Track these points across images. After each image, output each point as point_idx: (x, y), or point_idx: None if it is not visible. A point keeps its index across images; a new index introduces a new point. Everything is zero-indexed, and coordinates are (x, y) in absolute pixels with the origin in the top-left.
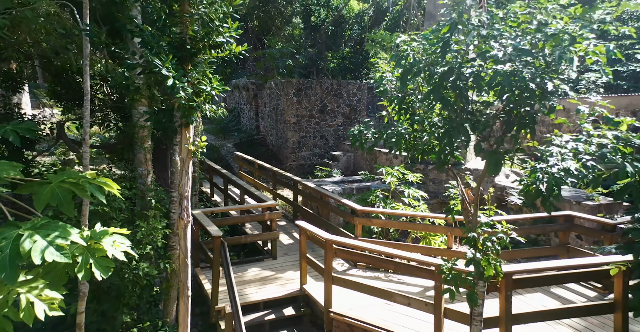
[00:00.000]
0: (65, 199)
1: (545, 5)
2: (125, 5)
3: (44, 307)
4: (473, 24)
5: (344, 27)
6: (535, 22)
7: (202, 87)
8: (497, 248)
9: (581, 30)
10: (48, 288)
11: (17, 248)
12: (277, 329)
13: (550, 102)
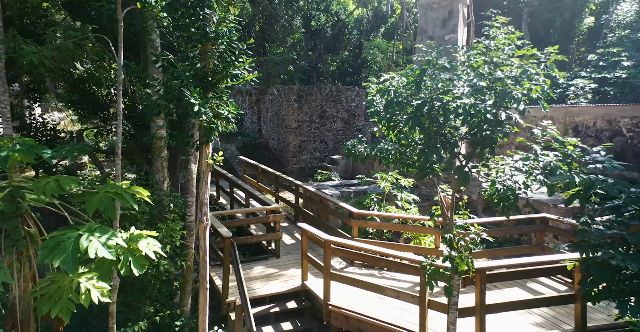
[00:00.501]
0: (109, 206)
1: (502, 47)
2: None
3: (97, 294)
4: (439, 69)
5: (344, 31)
6: (486, 68)
7: (220, 111)
8: (470, 247)
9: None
10: (99, 280)
11: (77, 245)
12: (281, 321)
13: (504, 128)
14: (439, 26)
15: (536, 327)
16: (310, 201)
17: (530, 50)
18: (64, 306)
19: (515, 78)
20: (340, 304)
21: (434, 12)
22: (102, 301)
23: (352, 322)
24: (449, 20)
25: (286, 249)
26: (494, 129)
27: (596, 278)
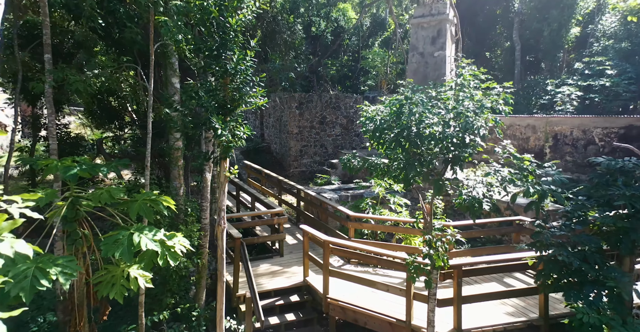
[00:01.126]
0: (147, 211)
1: (469, 82)
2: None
3: (142, 281)
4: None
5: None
6: (452, 103)
7: (237, 132)
8: (446, 246)
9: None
10: (143, 269)
11: (131, 241)
12: (285, 312)
13: (468, 149)
14: (429, 43)
15: (507, 316)
16: (311, 204)
17: (491, 84)
18: (118, 290)
19: (475, 111)
20: (338, 297)
21: (424, 31)
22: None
23: (348, 313)
24: (438, 38)
25: (289, 248)
26: (460, 150)
27: (548, 272)
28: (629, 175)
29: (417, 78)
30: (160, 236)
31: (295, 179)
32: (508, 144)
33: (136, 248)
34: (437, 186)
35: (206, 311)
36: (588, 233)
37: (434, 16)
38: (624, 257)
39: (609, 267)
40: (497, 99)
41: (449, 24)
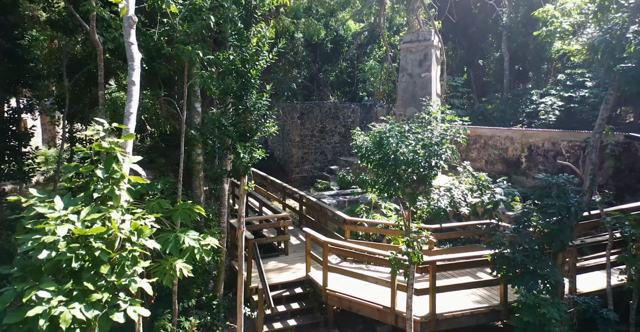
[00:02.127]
0: (185, 217)
1: (435, 117)
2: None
3: (186, 271)
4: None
5: (342, 44)
6: (420, 135)
7: (254, 154)
8: (421, 246)
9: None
10: (185, 262)
11: (177, 240)
12: (291, 302)
13: (433, 171)
14: (417, 66)
15: (475, 303)
16: (312, 208)
17: (453, 117)
18: (168, 278)
19: (437, 143)
20: (335, 289)
21: (412, 54)
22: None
23: (343, 302)
24: (424, 61)
25: (293, 248)
26: (428, 171)
27: (500, 265)
28: (561, 188)
29: (407, 95)
30: (197, 236)
31: (297, 183)
32: (468, 164)
33: (180, 246)
34: (412, 198)
35: (224, 301)
36: (532, 235)
37: (420, 42)
38: (557, 253)
39: (544, 260)
40: (458, 130)
41: (434, 48)
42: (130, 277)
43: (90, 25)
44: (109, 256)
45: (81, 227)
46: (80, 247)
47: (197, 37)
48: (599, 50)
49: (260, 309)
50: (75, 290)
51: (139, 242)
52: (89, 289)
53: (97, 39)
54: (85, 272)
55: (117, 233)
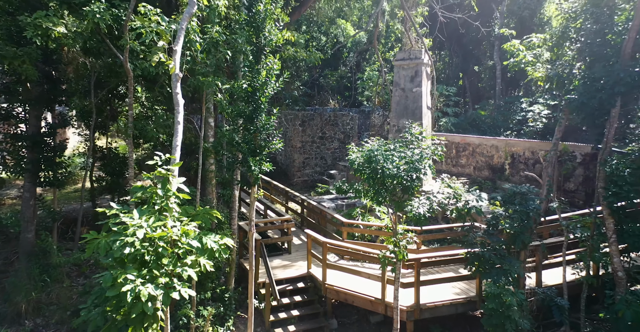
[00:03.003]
0: (206, 221)
1: (416, 138)
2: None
3: (208, 266)
4: (378, 154)
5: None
6: (403, 154)
7: (264, 168)
8: (406, 245)
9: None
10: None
11: (201, 240)
12: (294, 295)
13: (415, 183)
14: (409, 81)
15: (454, 295)
16: (312, 211)
17: (433, 137)
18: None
19: (417, 160)
20: (333, 283)
21: (404, 71)
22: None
23: (340, 294)
24: (416, 77)
25: (295, 247)
26: (410, 183)
27: (472, 262)
28: (524, 196)
29: (400, 108)
30: (216, 238)
31: (298, 187)
32: (447, 177)
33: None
34: (397, 205)
35: (235, 294)
36: (501, 236)
37: (412, 60)
38: (520, 252)
39: (509, 258)
40: (436, 148)
41: (424, 66)
42: (182, 267)
43: (123, 56)
44: (167, 252)
45: (150, 232)
46: (149, 245)
47: (215, 67)
48: (553, 81)
49: (267, 301)
50: (147, 275)
51: (186, 241)
52: (155, 275)
53: (128, 67)
54: (153, 262)
55: (172, 235)
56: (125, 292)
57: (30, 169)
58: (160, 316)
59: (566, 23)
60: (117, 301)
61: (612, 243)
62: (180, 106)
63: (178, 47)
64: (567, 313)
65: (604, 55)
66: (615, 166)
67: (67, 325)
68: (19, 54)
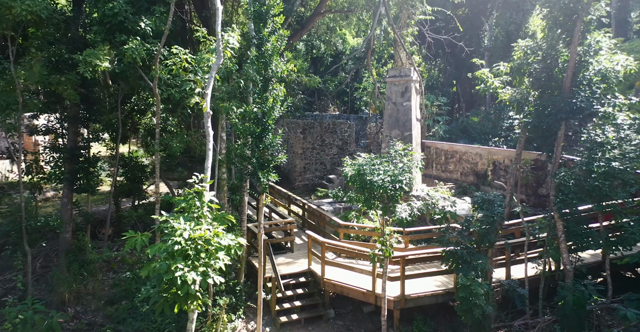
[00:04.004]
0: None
1: (400, 152)
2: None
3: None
4: (367, 168)
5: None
6: (387, 168)
7: (270, 179)
8: (393, 244)
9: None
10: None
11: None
12: (296, 288)
13: (398, 192)
14: (399, 96)
15: (435, 287)
16: (312, 214)
17: (413, 152)
18: None
19: (399, 173)
20: (331, 278)
21: (395, 86)
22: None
23: (337, 288)
24: (406, 92)
25: (297, 246)
26: (394, 192)
27: (447, 258)
28: (490, 203)
29: (392, 120)
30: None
31: (299, 190)
32: (425, 187)
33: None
34: (384, 210)
35: (244, 287)
36: (472, 236)
37: (402, 77)
38: (487, 250)
39: (477, 254)
40: (419, 163)
41: (413, 82)
42: (215, 260)
43: (153, 83)
44: (204, 248)
45: (192, 233)
46: (191, 243)
47: (230, 94)
48: (514, 105)
49: (273, 293)
50: (190, 265)
51: (217, 241)
52: (196, 265)
53: (157, 92)
54: (194, 256)
55: (207, 236)
56: (176, 277)
57: (68, 178)
58: (199, 296)
59: (524, 57)
60: (170, 284)
61: (561, 242)
62: (210, 136)
63: (209, 91)
64: (527, 301)
65: (550, 88)
66: (563, 178)
67: (102, 312)
68: (62, 80)
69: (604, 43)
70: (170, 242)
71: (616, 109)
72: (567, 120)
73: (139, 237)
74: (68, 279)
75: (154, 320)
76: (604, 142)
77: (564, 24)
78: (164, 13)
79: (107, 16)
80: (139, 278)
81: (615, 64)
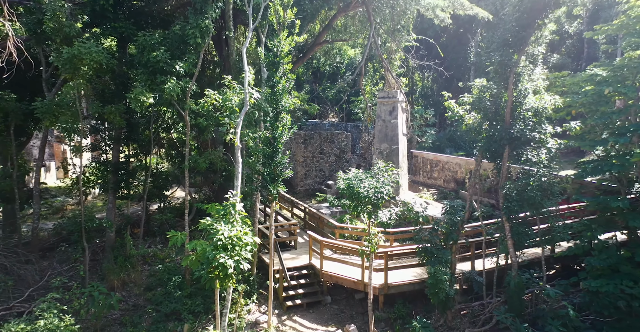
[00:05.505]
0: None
1: (382, 168)
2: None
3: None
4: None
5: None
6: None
7: (279, 189)
8: (378, 242)
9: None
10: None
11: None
12: (299, 279)
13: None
14: (388, 114)
15: (413, 277)
16: (312, 216)
17: (393, 168)
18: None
19: (381, 186)
20: (328, 270)
21: (384, 106)
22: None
23: (333, 278)
24: (393, 111)
25: (300, 244)
26: (377, 201)
27: (420, 254)
28: (457, 209)
29: (381, 135)
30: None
31: (301, 195)
32: (403, 198)
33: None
34: (369, 215)
35: (256, 278)
36: (440, 235)
37: (390, 98)
38: (451, 246)
39: (443, 250)
40: (397, 177)
41: (399, 103)
42: (245, 251)
43: (184, 112)
44: (237, 243)
45: (229, 233)
46: (229, 240)
47: (248, 123)
48: (471, 132)
49: (280, 283)
50: (228, 255)
51: (245, 239)
52: (232, 255)
53: (187, 120)
54: (230, 249)
55: (239, 235)
56: (220, 263)
57: (113, 187)
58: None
59: (478, 94)
60: (215, 267)
61: (508, 239)
62: (239, 163)
63: (238, 129)
64: (483, 287)
65: (496, 120)
66: (508, 189)
67: (143, 297)
68: (112, 110)
69: (530, 89)
70: (215, 239)
71: (547, 136)
72: (509, 145)
73: (179, 236)
74: (116, 270)
75: (184, 302)
76: (537, 161)
77: (502, 74)
78: (194, 58)
79: (151, 61)
80: (169, 270)
81: (544, 102)
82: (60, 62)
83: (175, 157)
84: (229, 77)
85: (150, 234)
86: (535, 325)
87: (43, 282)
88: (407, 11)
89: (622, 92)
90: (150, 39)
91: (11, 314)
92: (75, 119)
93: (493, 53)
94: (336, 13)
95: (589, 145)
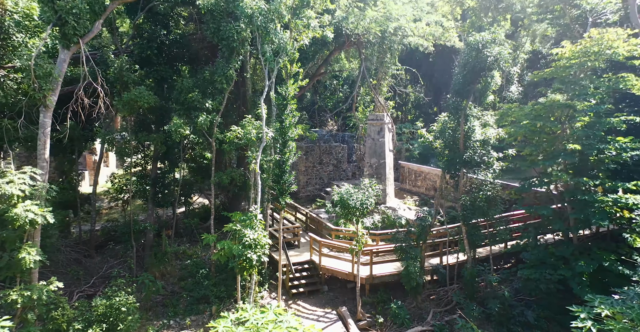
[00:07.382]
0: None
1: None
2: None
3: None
4: (346, 195)
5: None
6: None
7: (287, 200)
8: (364, 242)
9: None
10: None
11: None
12: (302, 272)
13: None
14: (376, 134)
15: (393, 269)
16: (312, 220)
17: (375, 185)
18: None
19: (366, 198)
20: (326, 265)
21: (373, 127)
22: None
23: (329, 271)
24: (381, 131)
25: (302, 244)
26: (364, 210)
27: (397, 251)
28: (423, 215)
29: (371, 151)
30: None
31: (302, 200)
32: (385, 205)
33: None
34: (357, 221)
35: (267, 270)
36: (413, 237)
37: (378, 120)
38: (421, 246)
39: (415, 248)
40: (378, 191)
41: (386, 124)
42: (264, 249)
43: (212, 139)
44: (258, 243)
45: (252, 236)
46: (253, 242)
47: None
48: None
49: (287, 275)
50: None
51: (263, 240)
52: (256, 251)
53: (214, 145)
54: (254, 246)
55: (259, 237)
56: (248, 257)
57: (152, 197)
58: (256, 267)
59: (441, 125)
60: (242, 260)
61: (465, 239)
62: (259, 185)
63: (258, 159)
64: (446, 277)
65: (454, 147)
66: (465, 200)
67: (178, 285)
68: (154, 137)
69: (478, 125)
70: (244, 240)
71: (493, 159)
72: (464, 166)
73: (210, 237)
74: (156, 263)
75: (211, 290)
76: (485, 179)
77: (455, 114)
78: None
79: (187, 101)
80: (197, 264)
81: (489, 134)
82: (120, 103)
83: (198, 172)
84: (249, 116)
85: (178, 235)
86: (483, 305)
87: (102, 272)
88: (392, 48)
89: (548, 126)
90: (187, 82)
91: (83, 296)
92: (127, 144)
93: (450, 96)
94: (331, 52)
95: (528, 166)
